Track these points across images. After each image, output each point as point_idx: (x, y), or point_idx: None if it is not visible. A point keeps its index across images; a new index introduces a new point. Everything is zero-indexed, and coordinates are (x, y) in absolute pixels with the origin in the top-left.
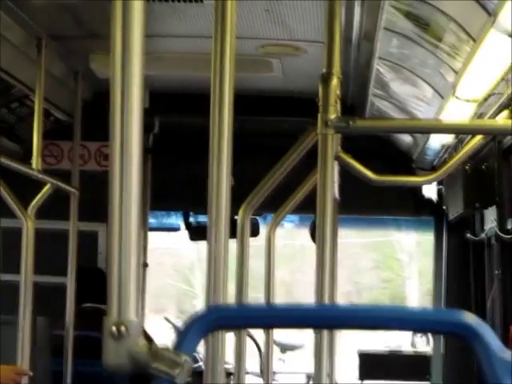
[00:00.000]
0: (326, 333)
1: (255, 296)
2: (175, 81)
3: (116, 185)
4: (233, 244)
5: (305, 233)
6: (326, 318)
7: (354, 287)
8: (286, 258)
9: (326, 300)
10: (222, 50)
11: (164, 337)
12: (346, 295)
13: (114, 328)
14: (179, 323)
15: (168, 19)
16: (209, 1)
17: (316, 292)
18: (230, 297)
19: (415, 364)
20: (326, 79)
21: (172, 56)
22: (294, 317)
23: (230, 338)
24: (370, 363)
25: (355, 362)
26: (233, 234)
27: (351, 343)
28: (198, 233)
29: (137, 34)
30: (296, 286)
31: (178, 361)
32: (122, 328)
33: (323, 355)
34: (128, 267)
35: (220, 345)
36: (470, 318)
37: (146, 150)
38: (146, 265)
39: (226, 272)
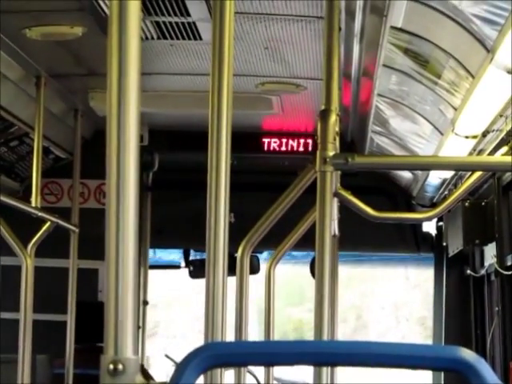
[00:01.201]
0: (325, 371)
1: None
2: (174, 118)
3: (113, 222)
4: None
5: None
6: (324, 355)
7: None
8: (356, 281)
9: (326, 337)
10: (220, 87)
11: None
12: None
13: (111, 366)
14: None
15: (167, 57)
16: (208, 39)
17: (315, 328)
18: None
19: None
20: (324, 116)
21: (171, 94)
22: (292, 354)
23: (230, 374)
24: None
25: None
26: (232, 271)
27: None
28: (198, 270)
29: (133, 71)
30: (366, 310)
31: None
32: (119, 366)
33: None
34: (126, 304)
35: (219, 382)
36: (467, 354)
37: (146, 188)
38: (146, 303)
39: (225, 309)
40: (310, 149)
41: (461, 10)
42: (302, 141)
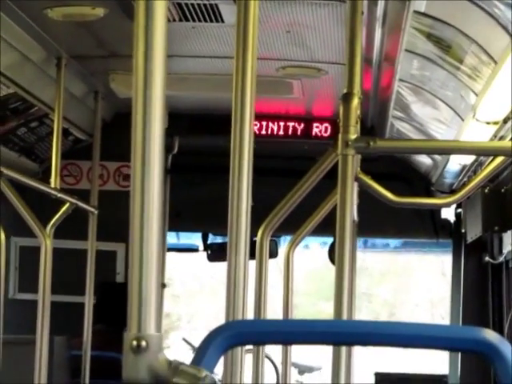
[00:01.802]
0: (344, 353)
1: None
2: (195, 101)
3: (137, 205)
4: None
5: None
6: (344, 334)
7: None
8: (389, 276)
9: (345, 318)
10: (244, 70)
11: None
12: None
13: (134, 342)
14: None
15: (189, 39)
16: (230, 21)
17: (335, 312)
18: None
19: None
20: (346, 99)
21: (192, 77)
22: (313, 332)
23: (247, 359)
24: None
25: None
26: (252, 256)
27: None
28: (216, 254)
29: (159, 54)
30: (400, 307)
31: (198, 376)
32: (143, 342)
33: (340, 375)
34: (149, 283)
35: (239, 364)
36: (491, 335)
37: (165, 171)
38: (164, 285)
39: (246, 293)
40: (329, 134)
41: None
42: (322, 126)
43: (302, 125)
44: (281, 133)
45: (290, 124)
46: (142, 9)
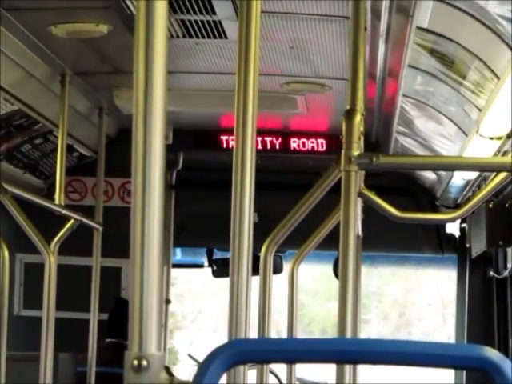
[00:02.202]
0: (348, 370)
1: None
2: (198, 117)
3: (138, 221)
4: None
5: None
6: (348, 353)
7: None
8: (400, 276)
9: (349, 334)
10: (246, 86)
11: None
12: None
13: (135, 362)
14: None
15: (192, 56)
16: (233, 37)
17: (339, 328)
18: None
19: None
20: (349, 116)
21: (196, 93)
22: (315, 351)
23: (252, 374)
24: None
25: None
26: (256, 271)
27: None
28: (221, 269)
29: (160, 69)
30: (410, 308)
31: None
32: (144, 362)
33: None
34: (150, 301)
35: (242, 382)
36: (492, 353)
37: (170, 187)
38: (168, 301)
39: (249, 309)
40: (334, 149)
41: (487, 10)
42: (326, 141)
43: (308, 140)
44: (286, 148)
45: (296, 139)
46: (142, 24)
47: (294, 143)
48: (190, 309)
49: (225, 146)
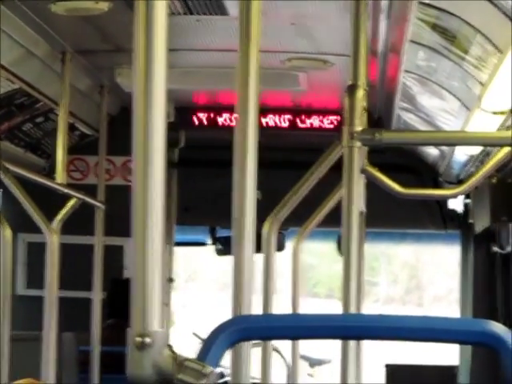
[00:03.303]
0: (352, 346)
1: None
2: (200, 95)
3: (139, 199)
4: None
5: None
6: (352, 328)
7: None
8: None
9: (353, 311)
10: (247, 63)
11: None
12: None
13: (138, 339)
14: None
15: (193, 33)
16: (235, 14)
17: (343, 304)
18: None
19: (443, 376)
20: (352, 91)
21: (197, 70)
22: (319, 327)
23: (256, 352)
24: (397, 375)
25: (382, 376)
26: (258, 249)
27: (378, 357)
28: (224, 247)
29: (160, 47)
30: (422, 269)
31: (203, 372)
32: (147, 339)
33: (350, 368)
34: (152, 279)
35: (246, 359)
36: (497, 327)
37: (172, 165)
38: (171, 280)
39: (252, 286)
40: (336, 126)
41: None
42: (329, 118)
43: (309, 117)
44: (287, 125)
45: (296, 116)
46: (143, 1)
47: (297, 120)
48: (183, 269)
49: (227, 123)
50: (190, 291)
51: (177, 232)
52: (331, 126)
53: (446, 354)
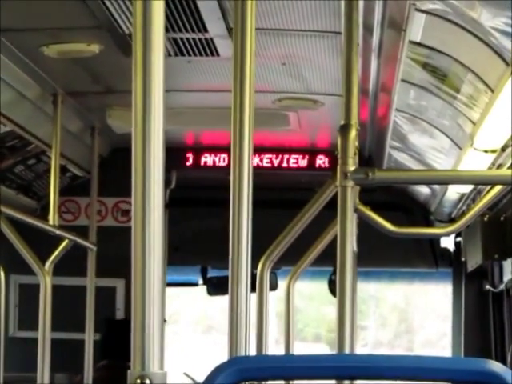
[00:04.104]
0: None
1: None
2: (190, 135)
3: (138, 240)
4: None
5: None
6: (347, 368)
7: None
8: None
9: (347, 351)
10: (242, 103)
11: None
12: None
13: (138, 381)
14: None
15: (184, 74)
16: (225, 55)
17: (338, 343)
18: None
19: None
20: (344, 131)
21: (189, 111)
22: (315, 367)
23: None
24: None
25: None
26: (252, 288)
27: None
28: (216, 288)
29: (157, 88)
30: (412, 312)
31: None
32: (147, 381)
33: None
34: (152, 320)
35: None
36: (497, 366)
37: (164, 205)
38: (164, 320)
39: (249, 326)
40: (327, 165)
41: (480, 23)
42: (319, 157)
43: (301, 157)
44: (279, 165)
45: (289, 156)
46: (140, 44)
47: (287, 160)
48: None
49: (218, 163)
50: (172, 333)
51: (167, 272)
52: (323, 166)
53: None
